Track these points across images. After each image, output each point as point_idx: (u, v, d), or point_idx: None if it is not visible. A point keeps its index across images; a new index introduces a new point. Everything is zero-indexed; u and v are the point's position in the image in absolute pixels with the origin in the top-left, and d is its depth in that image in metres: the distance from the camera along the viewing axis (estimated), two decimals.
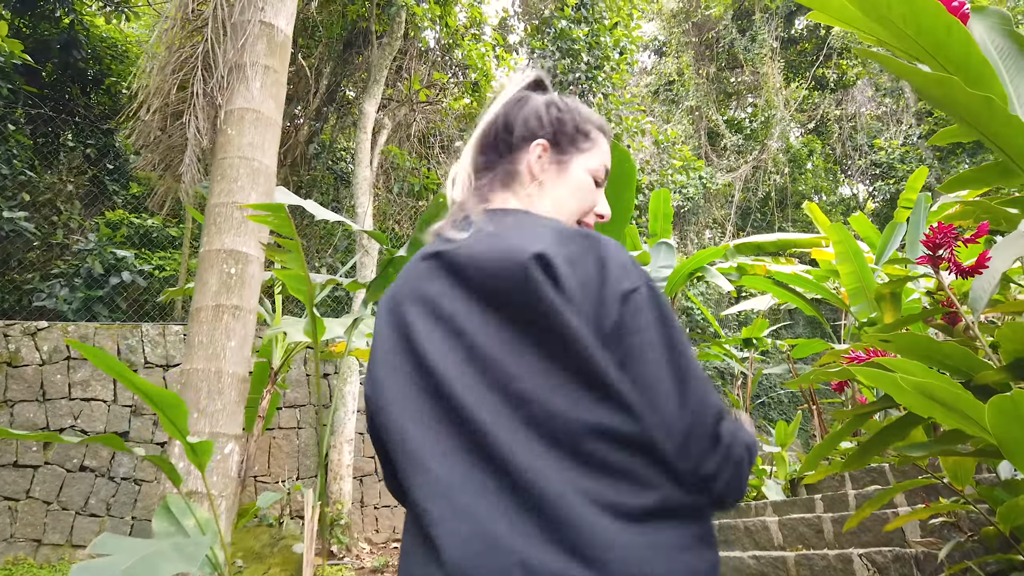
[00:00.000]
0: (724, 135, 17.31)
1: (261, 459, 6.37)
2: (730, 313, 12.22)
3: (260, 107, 2.95)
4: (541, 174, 1.17)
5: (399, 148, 8.05)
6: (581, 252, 0.96)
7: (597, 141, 1.22)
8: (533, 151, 1.17)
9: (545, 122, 1.19)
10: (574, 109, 1.22)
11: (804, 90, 18.71)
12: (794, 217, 19.00)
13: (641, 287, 0.94)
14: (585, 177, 1.19)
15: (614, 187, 3.42)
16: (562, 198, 1.17)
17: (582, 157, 1.19)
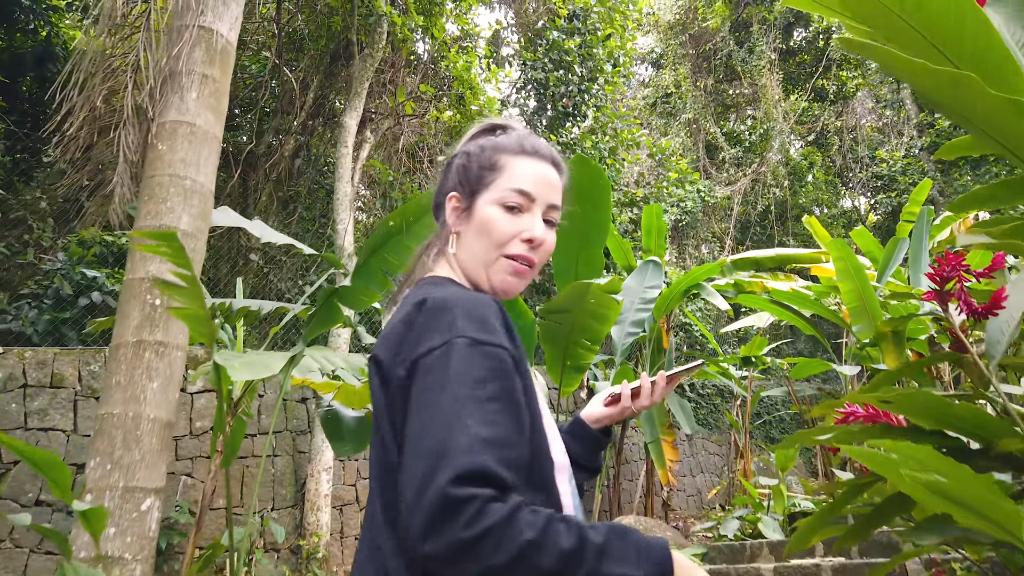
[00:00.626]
0: (722, 148, 17.07)
1: (235, 489, 6.06)
2: (729, 330, 11.92)
3: (196, 120, 2.68)
4: (456, 225, 1.17)
5: (385, 163, 7.80)
6: (405, 331, 1.00)
7: (507, 166, 1.16)
8: (447, 206, 1.19)
9: (454, 172, 1.20)
10: (486, 146, 1.19)
11: (803, 102, 18.49)
12: (794, 231, 18.73)
13: (435, 349, 0.94)
14: (489, 212, 1.13)
15: (586, 205, 3.19)
16: (470, 245, 1.15)
17: (486, 192, 1.15)
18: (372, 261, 2.53)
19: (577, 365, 3.64)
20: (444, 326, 0.95)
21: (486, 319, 0.98)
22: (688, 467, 11.34)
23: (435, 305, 0.99)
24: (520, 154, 1.17)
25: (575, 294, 3.23)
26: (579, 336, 3.46)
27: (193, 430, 5.96)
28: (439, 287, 1.09)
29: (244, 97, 9.83)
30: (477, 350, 0.93)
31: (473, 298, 1.02)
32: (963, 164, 14.15)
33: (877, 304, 6.79)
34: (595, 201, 3.38)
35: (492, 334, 0.96)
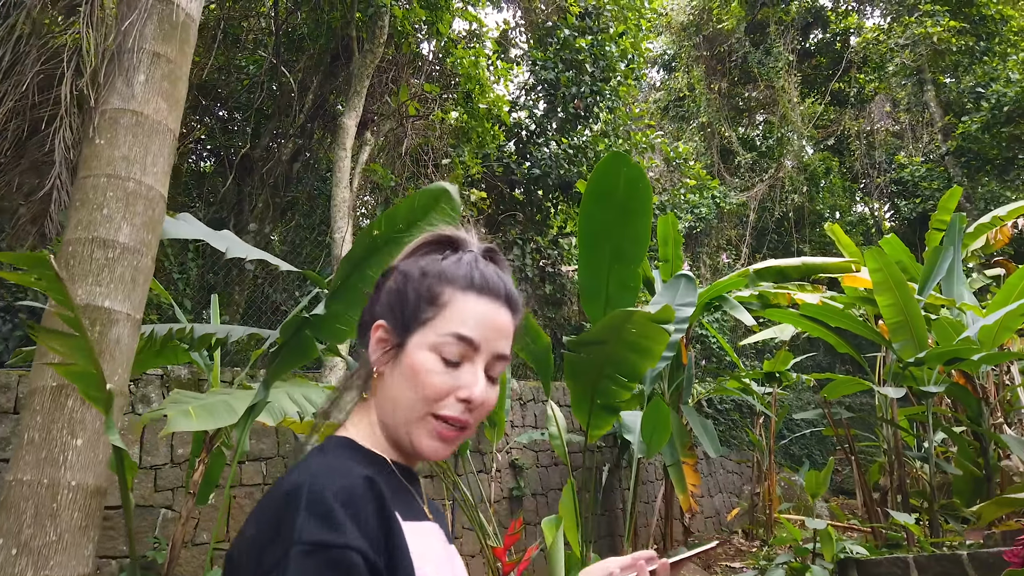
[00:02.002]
0: (738, 152, 16.54)
1: (218, 522, 5.55)
2: (749, 342, 11.37)
3: (143, 108, 2.18)
4: (380, 364, 0.97)
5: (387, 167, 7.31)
6: (254, 525, 0.83)
7: (450, 303, 0.96)
8: (372, 336, 0.99)
9: (385, 297, 0.99)
10: (428, 271, 0.98)
11: (820, 105, 17.96)
12: (811, 238, 18.18)
13: (280, 560, 0.76)
14: (422, 359, 0.93)
15: (621, 213, 2.69)
16: (393, 393, 0.95)
17: (421, 332, 0.95)
18: (353, 280, 2.01)
19: (609, 404, 3.09)
20: (287, 529, 0.79)
21: (330, 511, 0.80)
22: (706, 487, 10.78)
23: (284, 496, 0.82)
24: (468, 289, 0.96)
25: (613, 324, 2.68)
26: (612, 371, 2.91)
27: (174, 458, 5.46)
28: (311, 458, 0.89)
29: (240, 99, 9.36)
30: (316, 560, 0.76)
31: (325, 481, 0.82)
32: (990, 169, 13.60)
33: (922, 320, 6.24)
34: (633, 208, 2.86)
35: (336, 531, 0.79)
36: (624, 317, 2.66)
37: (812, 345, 15.57)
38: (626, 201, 2.84)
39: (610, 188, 2.85)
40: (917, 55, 15.13)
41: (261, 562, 0.78)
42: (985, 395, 6.60)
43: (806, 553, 4.39)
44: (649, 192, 2.79)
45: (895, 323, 6.22)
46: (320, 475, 0.83)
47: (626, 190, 2.78)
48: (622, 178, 2.78)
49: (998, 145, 13.26)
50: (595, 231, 2.89)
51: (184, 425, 1.96)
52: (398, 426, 0.95)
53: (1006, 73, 12.84)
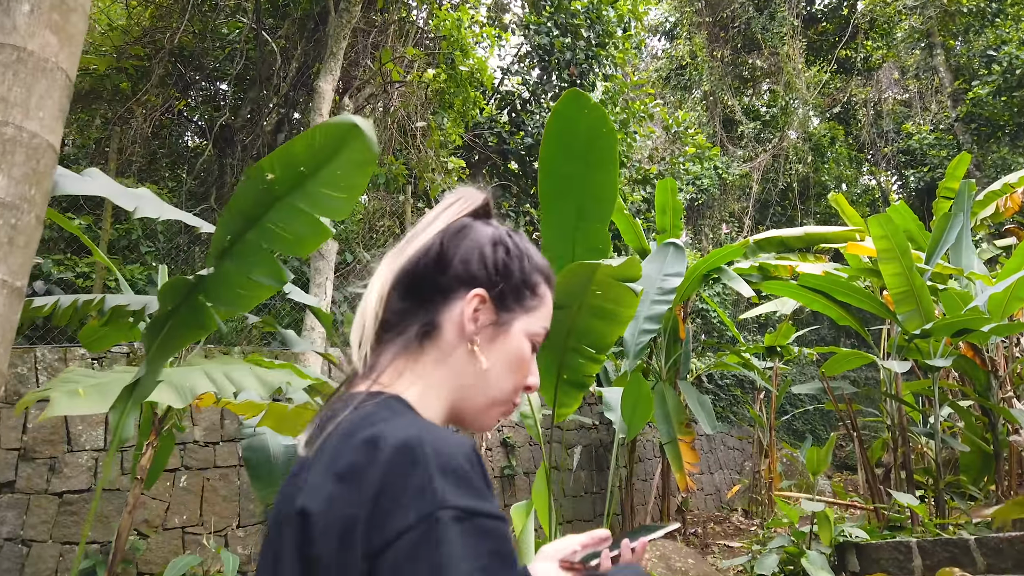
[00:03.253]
0: (741, 122, 16.11)
1: (192, 505, 5.34)
2: (749, 316, 11.07)
3: (27, 43, 1.89)
4: (475, 334, 0.90)
5: None
6: (353, 488, 0.72)
7: (544, 297, 0.97)
8: (469, 302, 0.90)
9: (489, 264, 0.92)
10: (524, 251, 0.96)
11: (825, 73, 17.47)
12: (816, 210, 17.80)
13: (407, 532, 0.67)
14: (525, 345, 0.93)
15: (584, 163, 2.39)
16: (495, 371, 0.91)
17: (526, 318, 0.94)
18: (252, 237, 1.68)
19: (577, 380, 2.76)
20: (416, 491, 0.69)
21: (468, 476, 0.72)
22: (706, 464, 10.55)
23: (398, 454, 0.72)
24: (549, 283, 0.99)
25: (574, 283, 2.33)
26: (577, 341, 2.58)
27: None
28: (393, 418, 0.79)
29: (221, 68, 9.03)
30: (470, 527, 0.68)
31: (446, 441, 0.74)
32: (1001, 135, 13.16)
33: (927, 290, 5.93)
34: (597, 159, 2.51)
35: (483, 498, 0.71)
36: (585, 274, 2.31)
37: (816, 318, 15.27)
38: (588, 150, 2.50)
39: (570, 135, 2.49)
40: (926, 18, 14.62)
41: (383, 526, 0.68)
42: (994, 368, 6.31)
43: (803, 536, 4.14)
44: (614, 138, 2.46)
45: (900, 293, 5.91)
46: (429, 434, 0.75)
47: (588, 136, 2.44)
48: (583, 123, 2.42)
49: (1009, 110, 12.82)
50: (556, 186, 2.57)
51: (69, 407, 1.71)
52: (477, 403, 0.92)
53: (1018, 35, 12.36)
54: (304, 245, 1.72)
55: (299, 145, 1.56)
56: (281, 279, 1.75)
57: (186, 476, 5.35)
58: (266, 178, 1.57)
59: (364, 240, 7.64)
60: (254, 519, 5.67)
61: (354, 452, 0.75)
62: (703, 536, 7.66)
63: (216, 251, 1.66)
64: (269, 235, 1.65)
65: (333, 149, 1.58)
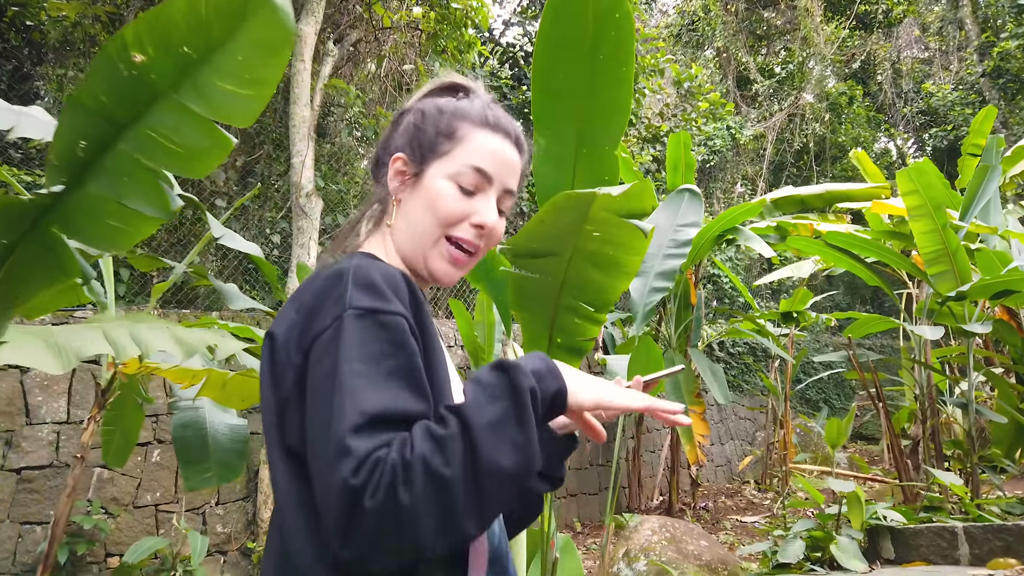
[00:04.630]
0: (755, 80, 15.44)
1: (166, 482, 4.98)
2: (763, 282, 10.59)
3: None
4: (399, 192, 1.06)
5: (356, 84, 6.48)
6: (302, 306, 0.90)
7: (467, 137, 1.03)
8: (391, 166, 1.06)
9: (404, 130, 1.07)
10: (445, 108, 1.05)
11: (844, 29, 16.72)
12: (832, 173, 17.18)
13: (325, 330, 0.85)
14: (440, 185, 1.02)
15: (596, 63, 1.88)
16: (411, 218, 1.04)
17: (439, 163, 1.02)
18: (124, 148, 1.23)
19: (572, 344, 2.24)
20: (334, 300, 0.86)
21: (376, 285, 0.87)
22: (716, 434, 10.17)
23: (328, 277, 0.90)
24: (483, 126, 1.04)
25: (563, 221, 1.85)
26: (573, 297, 2.03)
27: None
28: (347, 260, 0.93)
29: None
30: (368, 321, 0.83)
31: (375, 266, 0.90)
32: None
33: (963, 249, 5.45)
34: (608, 54, 1.94)
35: (384, 300, 0.86)
36: (577, 208, 1.74)
37: (831, 284, 14.78)
38: (596, 46, 1.91)
39: (571, 30, 1.91)
40: None
41: (309, 328, 0.86)
42: None
43: (830, 519, 3.73)
44: (630, 24, 1.90)
45: (932, 252, 5.43)
46: (361, 264, 0.90)
47: (595, 27, 1.87)
48: (589, 10, 1.87)
49: None
50: (552, 104, 2.06)
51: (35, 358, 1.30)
52: (415, 249, 1.03)
53: None
54: (199, 162, 1.29)
55: (178, 11, 1.11)
56: (166, 207, 1.32)
57: (159, 450, 4.98)
58: (132, 59, 1.12)
59: (358, 200, 7.19)
60: (234, 495, 5.31)
61: (307, 283, 0.92)
62: (714, 511, 7.30)
63: (62, 161, 1.21)
64: (150, 146, 1.21)
65: (229, 25, 1.13)
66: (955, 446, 5.76)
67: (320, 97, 5.74)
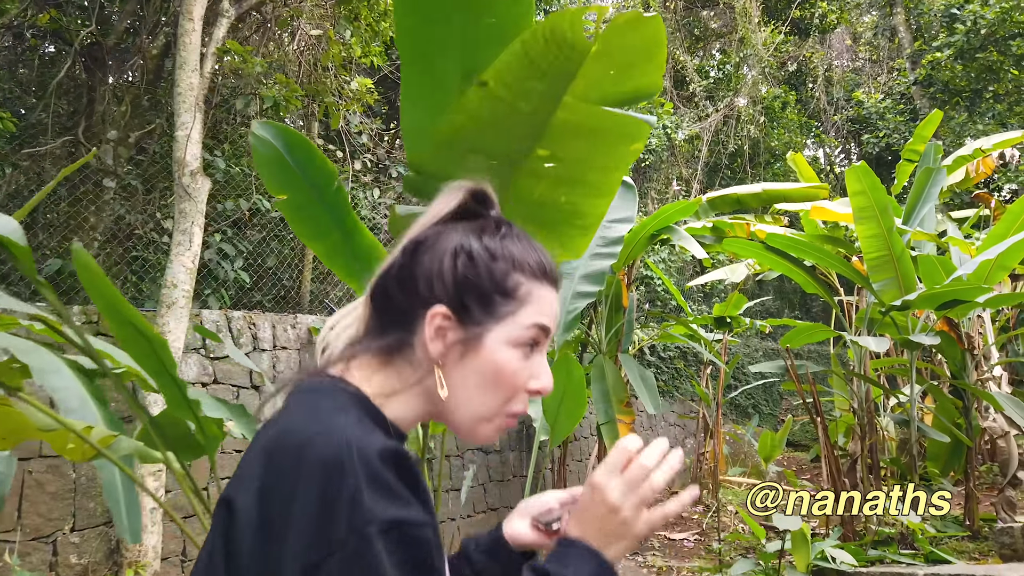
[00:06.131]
0: (692, 80, 15.24)
1: (7, 506, 4.20)
2: (695, 285, 10.30)
3: None
4: (441, 355, 0.87)
5: (253, 47, 5.76)
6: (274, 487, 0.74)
7: (528, 297, 0.89)
8: (430, 323, 0.87)
9: (448, 279, 0.88)
10: (497, 254, 0.89)
11: (779, 34, 16.73)
12: (765, 176, 17.18)
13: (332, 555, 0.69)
14: (506, 355, 0.87)
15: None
16: (468, 390, 0.88)
17: (500, 327, 0.87)
18: None
19: None
20: (342, 506, 0.70)
21: (390, 484, 0.73)
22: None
23: (322, 460, 0.72)
24: (541, 278, 0.90)
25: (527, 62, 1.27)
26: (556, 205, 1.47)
27: None
28: (332, 414, 0.79)
29: None
30: (395, 536, 0.71)
31: (372, 448, 0.74)
32: (957, 102, 12.62)
33: (909, 256, 5.15)
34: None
35: (406, 506, 0.73)
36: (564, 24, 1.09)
37: (761, 289, 14.70)
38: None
39: None
40: None
41: (311, 544, 0.70)
42: (970, 346, 5.61)
43: (771, 559, 3.30)
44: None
45: (877, 259, 5.11)
46: (354, 438, 0.75)
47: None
48: None
49: (967, 76, 12.25)
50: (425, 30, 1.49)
51: None
52: (463, 421, 0.90)
53: None
54: None
55: None
56: None
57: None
58: None
59: (258, 184, 6.47)
60: (95, 519, 4.56)
61: (284, 455, 0.75)
62: None
63: None
64: None
65: None
66: (893, 463, 5.46)
67: (212, 62, 5.03)
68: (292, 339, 5.70)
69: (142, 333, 1.48)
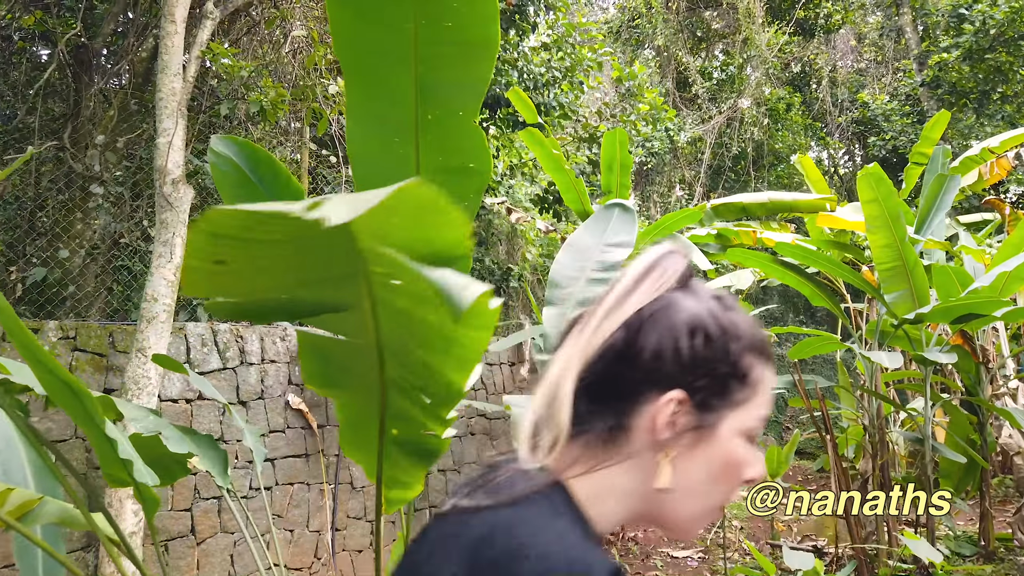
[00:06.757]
0: (695, 82, 15.03)
1: None
2: None
3: None
4: (670, 443, 0.78)
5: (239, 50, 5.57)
6: None
7: (759, 382, 0.81)
8: (663, 408, 0.77)
9: (686, 359, 0.78)
10: (730, 329, 0.80)
11: (783, 34, 16.52)
12: (769, 179, 16.97)
13: None
14: (738, 447, 0.79)
15: None
16: (694, 487, 0.79)
17: (734, 416, 0.79)
18: None
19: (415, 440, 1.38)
20: None
21: None
22: None
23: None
24: (768, 361, 0.82)
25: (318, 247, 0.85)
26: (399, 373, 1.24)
27: None
28: (543, 529, 0.70)
29: None
30: None
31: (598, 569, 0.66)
32: (965, 103, 12.41)
33: (921, 267, 4.94)
34: None
35: None
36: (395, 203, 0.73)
37: (765, 294, 14.49)
38: None
39: None
40: None
41: None
42: (985, 359, 5.40)
43: None
44: None
45: (889, 269, 4.91)
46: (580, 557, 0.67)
47: None
48: None
49: (975, 77, 12.03)
50: (371, 34, 1.27)
51: None
52: (677, 514, 0.81)
53: None
54: None
55: None
56: None
57: None
58: None
59: None
60: (70, 545, 4.37)
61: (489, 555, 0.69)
62: (644, 542, 6.68)
63: None
64: None
65: None
66: (905, 481, 5.25)
67: (196, 66, 4.84)
68: (282, 352, 5.50)
69: (67, 386, 1.29)
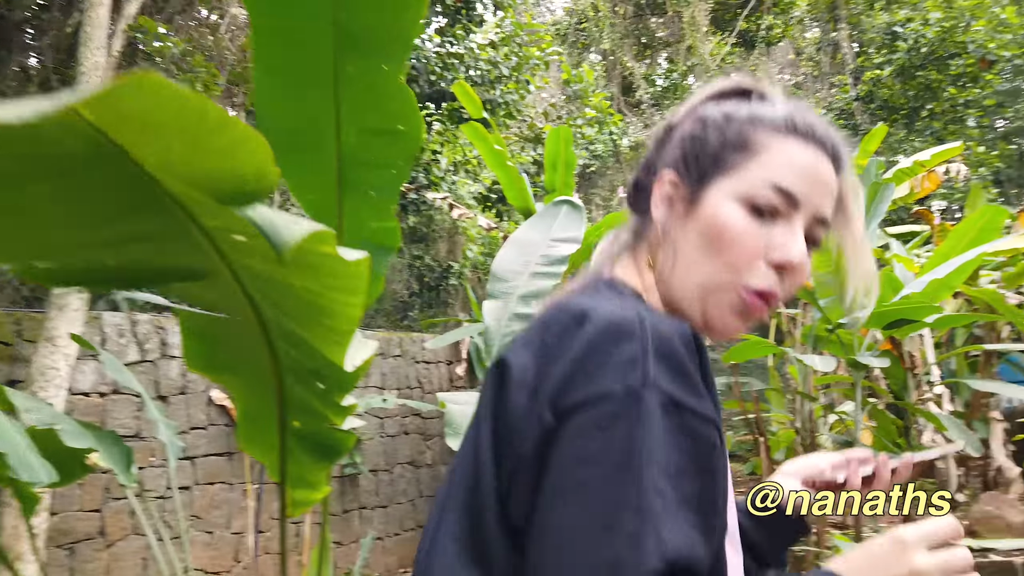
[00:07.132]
0: (640, 87, 15.20)
1: None
2: None
3: None
4: (668, 222, 0.79)
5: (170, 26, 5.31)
6: (555, 345, 0.67)
7: (766, 148, 0.75)
8: (657, 189, 0.81)
9: (676, 142, 0.81)
10: (734, 115, 0.78)
11: (726, 45, 16.87)
12: None
13: (606, 398, 0.61)
14: (726, 211, 0.75)
15: None
16: (688, 256, 0.77)
17: (725, 180, 0.76)
18: None
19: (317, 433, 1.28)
20: (623, 363, 0.62)
21: (684, 367, 0.63)
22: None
23: (608, 327, 0.64)
24: (788, 133, 0.75)
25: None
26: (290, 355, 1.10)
27: None
28: (611, 298, 0.73)
29: None
30: (676, 421, 0.60)
31: (667, 326, 0.66)
32: (896, 119, 12.85)
33: None
34: None
35: (697, 396, 0.64)
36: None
37: None
38: None
39: None
40: None
41: (582, 385, 0.62)
42: (912, 365, 5.55)
43: None
44: None
45: (825, 275, 4.97)
46: (649, 315, 0.66)
47: None
48: None
49: (906, 93, 12.48)
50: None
51: None
52: (688, 296, 0.77)
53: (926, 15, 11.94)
54: None
55: None
56: None
57: None
58: None
59: None
60: None
61: (563, 318, 0.69)
62: None
63: None
64: None
65: None
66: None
67: (122, 41, 4.57)
68: None
69: None
